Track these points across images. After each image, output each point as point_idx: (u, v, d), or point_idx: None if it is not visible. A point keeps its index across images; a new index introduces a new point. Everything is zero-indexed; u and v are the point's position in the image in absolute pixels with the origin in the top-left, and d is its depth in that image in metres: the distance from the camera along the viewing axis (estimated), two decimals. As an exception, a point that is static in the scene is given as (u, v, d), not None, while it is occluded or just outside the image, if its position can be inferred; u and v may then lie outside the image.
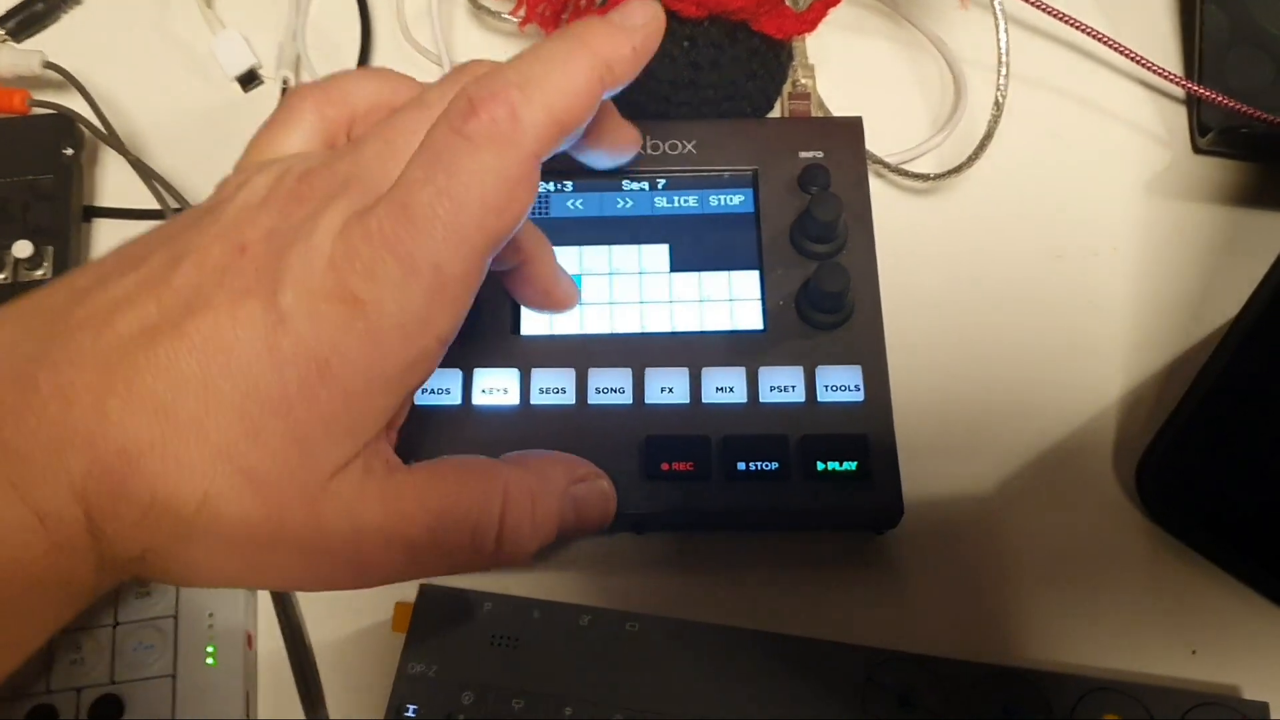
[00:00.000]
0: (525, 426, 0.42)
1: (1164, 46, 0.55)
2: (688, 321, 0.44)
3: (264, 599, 0.42)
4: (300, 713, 0.40)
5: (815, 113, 0.51)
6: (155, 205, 0.50)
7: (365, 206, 0.30)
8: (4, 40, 0.53)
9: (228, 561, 0.30)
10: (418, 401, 0.42)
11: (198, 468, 0.28)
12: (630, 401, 0.42)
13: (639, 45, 0.34)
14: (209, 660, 0.40)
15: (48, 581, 0.28)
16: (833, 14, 0.47)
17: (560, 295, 0.42)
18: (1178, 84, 0.51)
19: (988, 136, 0.49)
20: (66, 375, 0.28)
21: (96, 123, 0.50)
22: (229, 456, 0.29)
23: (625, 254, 0.45)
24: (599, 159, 0.41)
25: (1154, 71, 0.51)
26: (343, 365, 0.29)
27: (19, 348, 0.29)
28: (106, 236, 0.50)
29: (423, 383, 0.32)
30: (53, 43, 0.52)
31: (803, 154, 0.47)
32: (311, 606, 0.43)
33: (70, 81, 0.51)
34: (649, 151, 0.47)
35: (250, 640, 0.41)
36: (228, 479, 0.29)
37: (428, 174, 0.30)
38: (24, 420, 0.28)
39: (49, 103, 0.50)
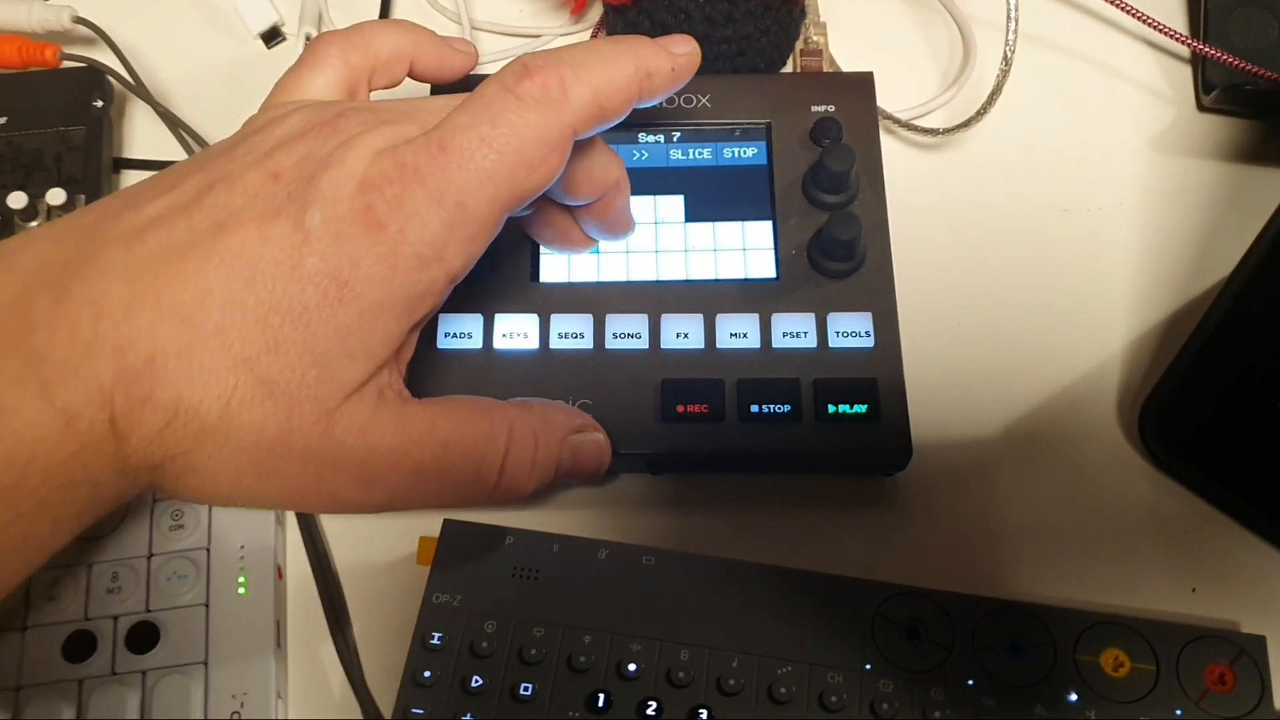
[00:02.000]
0: (544, 370, 0.43)
1: (1169, 6, 0.56)
2: (702, 270, 0.45)
3: (293, 533, 0.44)
4: (329, 641, 0.42)
5: (826, 69, 0.52)
6: (183, 156, 0.51)
7: (401, 143, 0.32)
8: (34, -4, 0.55)
9: (242, 472, 0.31)
10: (441, 346, 0.43)
11: (221, 375, 0.30)
12: (646, 346, 0.43)
13: (678, 68, 0.37)
14: (240, 590, 0.41)
15: (74, 482, 0.29)
16: (845, -29, 0.48)
17: (578, 238, 0.43)
18: (1183, 43, 0.52)
19: (996, 92, 0.49)
20: (98, 286, 0.30)
21: (125, 75, 0.51)
22: (250, 365, 0.30)
23: (642, 204, 0.46)
24: (596, 230, 0.43)
25: (1159, 30, 0.52)
26: (361, 285, 0.31)
27: (53, 261, 0.30)
28: (135, 188, 0.52)
29: (428, 316, 0.34)
30: (81, -1, 0.54)
31: (815, 108, 0.48)
32: (338, 541, 0.44)
33: (99, 36, 0.52)
34: (665, 105, 0.48)
35: (280, 572, 0.42)
36: (249, 387, 0.30)
37: (472, 120, 0.32)
38: (57, 328, 0.29)
39: (79, 56, 0.51)
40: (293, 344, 0.31)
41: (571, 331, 0.44)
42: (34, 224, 0.47)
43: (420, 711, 0.38)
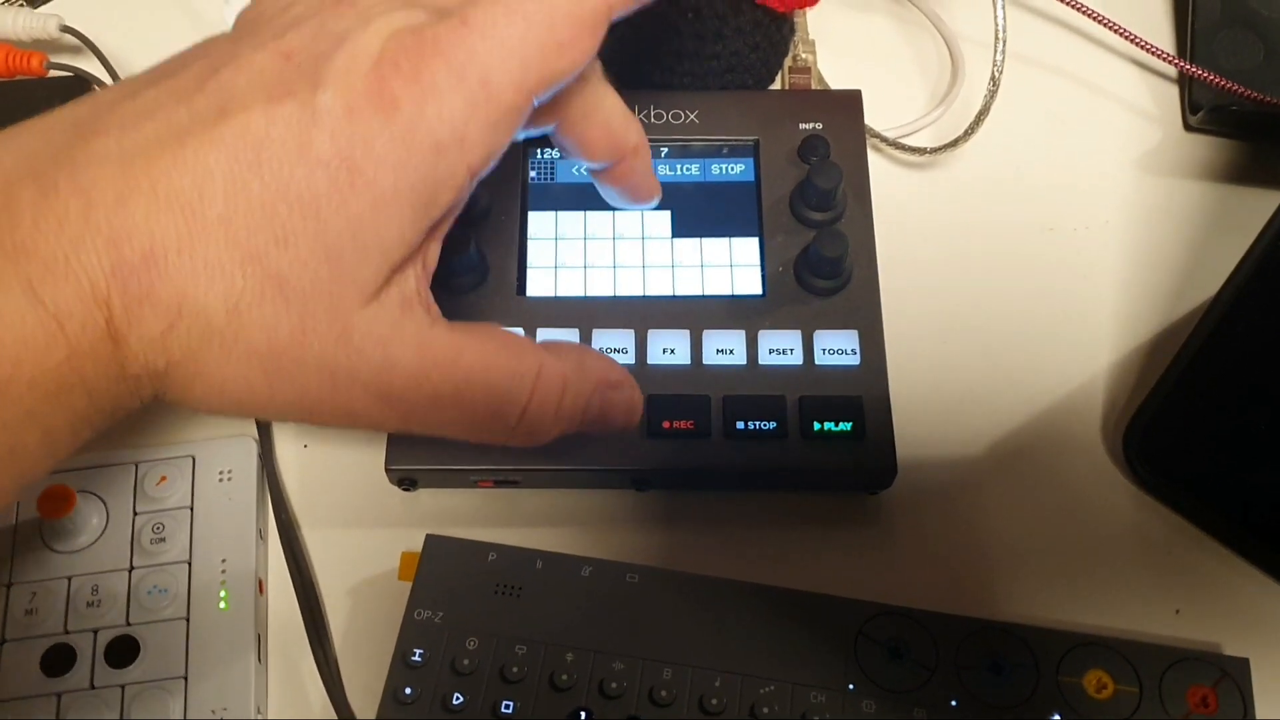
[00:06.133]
0: (530, 384, 0.43)
1: (1157, 26, 0.56)
2: (689, 286, 0.45)
3: (275, 547, 0.43)
4: (309, 656, 0.41)
5: (815, 86, 0.52)
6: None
7: (421, 22, 0.30)
8: (21, 4, 0.54)
9: (253, 378, 0.30)
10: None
11: (227, 270, 0.28)
12: (633, 361, 0.43)
13: None
14: (221, 604, 0.41)
15: (65, 389, 0.27)
16: (834, -9, 0.48)
17: (649, 189, 0.41)
18: (1170, 63, 0.52)
19: (984, 112, 0.50)
20: (88, 175, 0.28)
21: (112, 85, 0.51)
22: (258, 260, 0.28)
23: (628, 219, 0.46)
24: (617, 197, 0.40)
25: (1147, 50, 0.52)
26: (374, 170, 0.29)
27: (39, 153, 0.28)
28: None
29: (446, 215, 0.32)
30: (68, 7, 0.53)
31: (803, 125, 0.48)
32: (320, 556, 0.44)
33: (86, 45, 0.52)
34: (653, 121, 0.48)
35: (261, 586, 0.42)
36: (258, 284, 0.28)
37: None
38: (43, 221, 0.27)
39: (66, 65, 0.51)
40: (302, 236, 0.29)
41: (557, 346, 0.43)
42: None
43: (401, 728, 0.38)
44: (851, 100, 0.48)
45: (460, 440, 0.34)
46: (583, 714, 0.38)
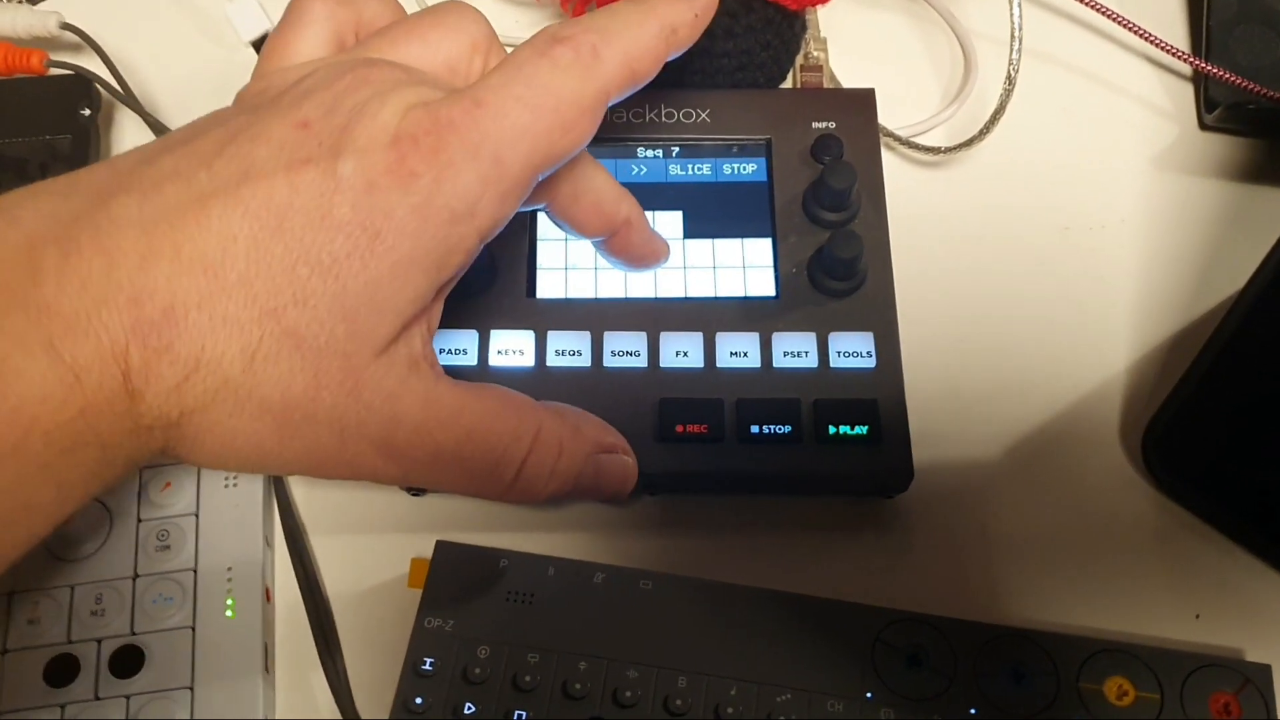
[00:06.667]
0: (541, 388, 0.42)
1: (1172, 23, 0.55)
2: (701, 287, 0.44)
3: (281, 554, 0.43)
4: (318, 665, 0.41)
5: (827, 85, 0.51)
6: (171, 167, 0.50)
7: (435, 99, 0.31)
8: (20, 2, 0.54)
9: (263, 432, 0.30)
10: (435, 362, 0.42)
11: (245, 327, 0.29)
12: (645, 364, 0.43)
13: (700, 12, 0.37)
14: (228, 613, 0.40)
15: (80, 444, 0.28)
16: (846, -13, 0.48)
17: (652, 254, 0.43)
18: (1185, 60, 0.52)
19: (999, 110, 0.49)
20: (111, 237, 0.28)
21: (114, 83, 0.50)
22: (276, 317, 0.29)
23: (640, 220, 0.45)
24: (620, 264, 0.42)
25: (1162, 48, 0.51)
26: (393, 237, 0.30)
27: (60, 214, 0.29)
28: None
29: (453, 276, 0.33)
30: (68, 4, 0.53)
31: (815, 124, 0.47)
32: (328, 562, 0.43)
33: (87, 42, 0.51)
34: (664, 120, 0.47)
35: (269, 594, 0.41)
36: (275, 340, 0.29)
37: (507, 80, 0.32)
38: (66, 281, 0.28)
39: (66, 63, 0.50)
40: (320, 297, 0.30)
41: (568, 349, 0.43)
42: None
43: (412, 739, 0.37)
44: (865, 99, 0.48)
45: (456, 494, 0.35)
46: (597, 724, 0.38)
